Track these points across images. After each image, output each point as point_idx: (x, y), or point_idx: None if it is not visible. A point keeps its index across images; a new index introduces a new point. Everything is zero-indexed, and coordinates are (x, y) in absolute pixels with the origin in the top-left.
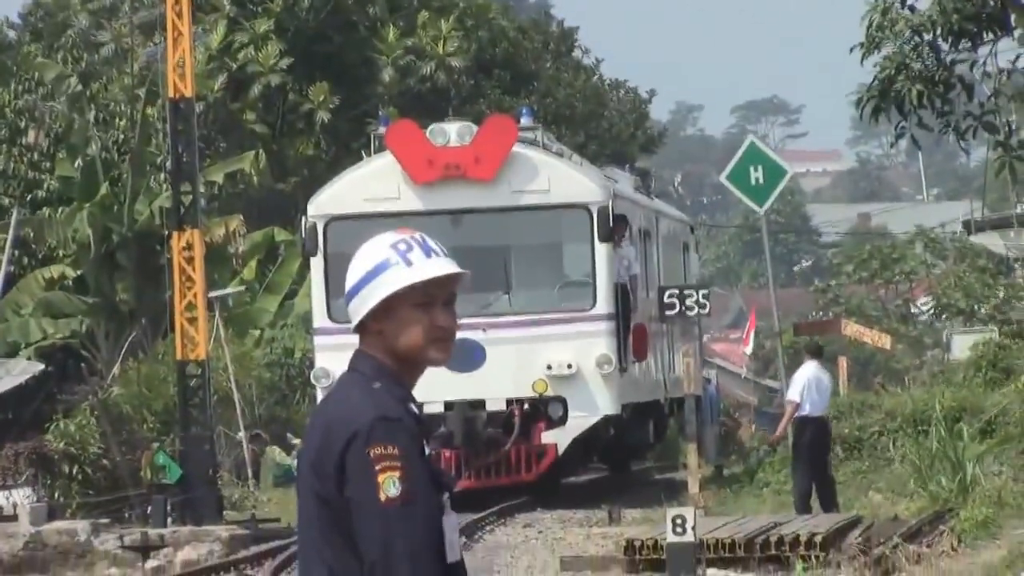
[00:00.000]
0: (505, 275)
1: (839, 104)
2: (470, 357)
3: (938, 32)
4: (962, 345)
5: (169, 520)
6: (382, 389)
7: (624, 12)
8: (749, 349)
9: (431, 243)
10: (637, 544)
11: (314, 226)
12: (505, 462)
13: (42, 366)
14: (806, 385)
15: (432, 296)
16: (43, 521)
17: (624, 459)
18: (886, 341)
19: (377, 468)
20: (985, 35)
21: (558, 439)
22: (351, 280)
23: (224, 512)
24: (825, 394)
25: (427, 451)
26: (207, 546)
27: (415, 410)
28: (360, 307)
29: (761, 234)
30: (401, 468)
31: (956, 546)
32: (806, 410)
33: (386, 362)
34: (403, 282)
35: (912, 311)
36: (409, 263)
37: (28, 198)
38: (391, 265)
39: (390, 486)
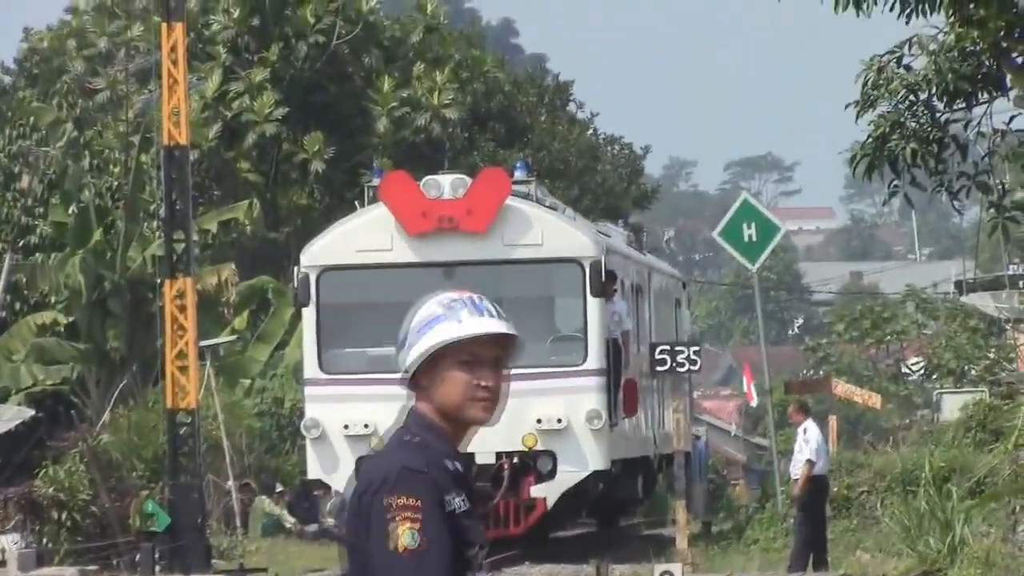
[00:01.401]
0: None
1: (833, 162)
2: None
3: (933, 91)
4: (952, 406)
5: (157, 568)
6: (420, 443)
7: (619, 67)
8: (755, 403)
9: (487, 304)
10: None
11: (307, 276)
12: (493, 516)
13: (32, 412)
14: (820, 442)
15: (477, 355)
16: (32, 567)
17: (613, 514)
18: (876, 401)
19: (395, 517)
20: (980, 95)
21: (547, 493)
22: (402, 331)
23: (212, 561)
24: (824, 452)
25: (463, 506)
26: None
27: (456, 466)
28: (407, 359)
29: (753, 291)
30: (420, 520)
31: None
32: (817, 468)
33: (434, 418)
34: (447, 336)
35: (903, 371)
36: (459, 320)
37: (21, 243)
38: (441, 320)
39: (408, 537)
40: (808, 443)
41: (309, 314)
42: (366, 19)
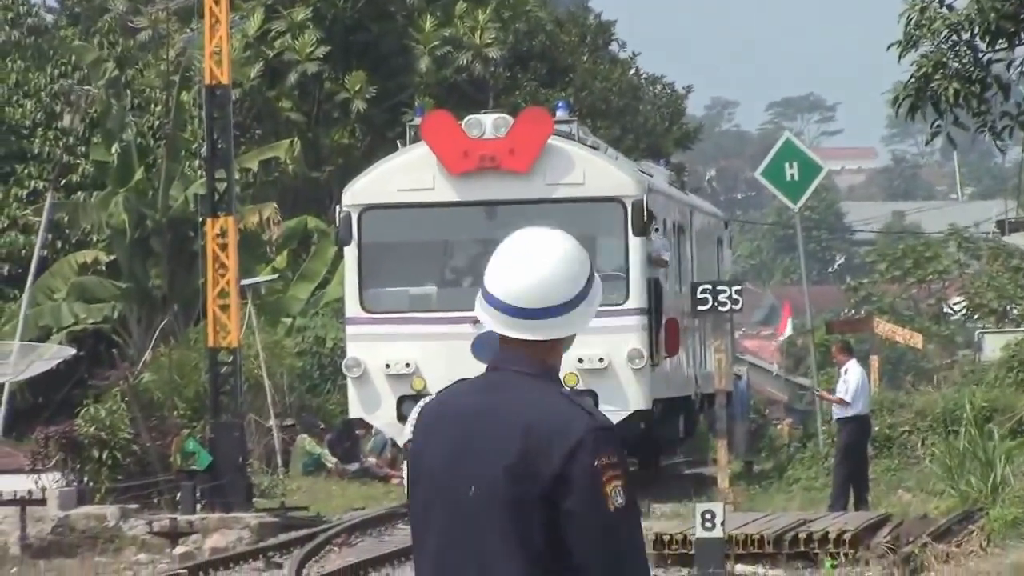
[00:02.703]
0: None
1: (875, 102)
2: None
3: (975, 31)
4: (994, 345)
5: (198, 507)
6: (575, 396)
7: (661, 7)
8: (785, 335)
9: None
10: (666, 538)
11: (348, 215)
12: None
13: (73, 351)
14: (860, 384)
15: None
16: (72, 506)
17: (654, 454)
18: (918, 340)
19: (605, 478)
20: (1023, 34)
21: None
22: (580, 283)
23: (253, 499)
24: (867, 392)
25: None
26: (236, 533)
27: None
28: (587, 316)
29: (795, 231)
30: (624, 476)
31: (985, 546)
32: (858, 408)
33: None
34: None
35: (944, 311)
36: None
37: (62, 182)
38: (596, 277)
39: (617, 495)
40: (847, 384)
41: (351, 253)
42: None
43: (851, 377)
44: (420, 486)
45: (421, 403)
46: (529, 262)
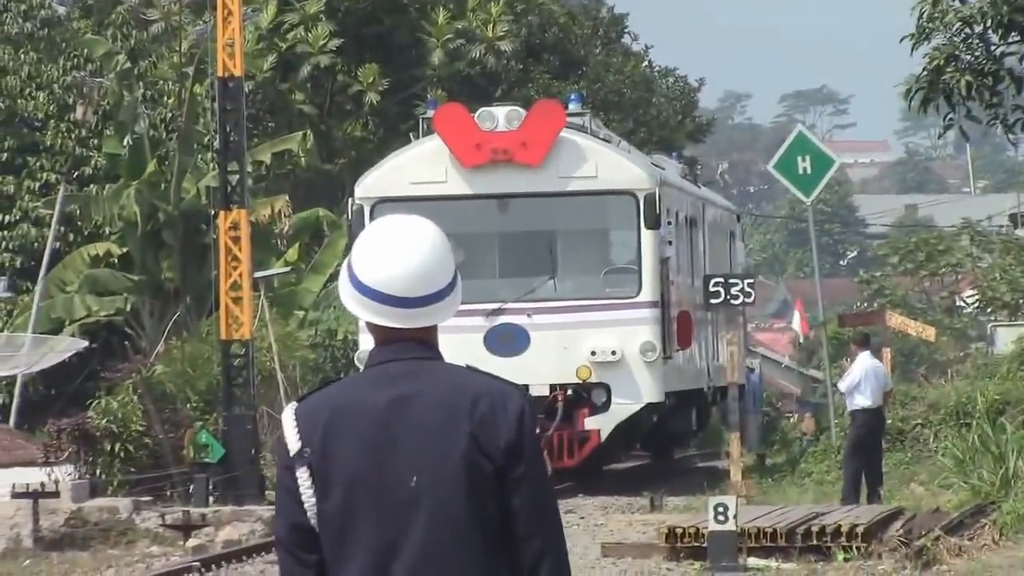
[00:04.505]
0: (550, 260)
1: (888, 95)
2: (514, 342)
3: (988, 24)
4: (1006, 338)
5: (211, 499)
6: (481, 369)
7: (674, 0)
8: (810, 334)
9: None
10: (679, 531)
11: (361, 208)
12: (547, 448)
13: (86, 343)
14: (863, 376)
15: None
16: (85, 498)
17: (667, 446)
18: (930, 333)
19: (542, 444)
20: None
21: (601, 425)
22: (450, 271)
23: (266, 492)
24: (878, 385)
25: None
26: (248, 526)
27: None
28: (456, 302)
29: (807, 224)
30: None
31: (997, 539)
32: (864, 401)
33: None
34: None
35: (957, 304)
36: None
37: (75, 175)
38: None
39: (545, 460)
40: (849, 374)
41: None
42: None
43: (854, 368)
44: (335, 492)
45: (292, 408)
46: (409, 251)
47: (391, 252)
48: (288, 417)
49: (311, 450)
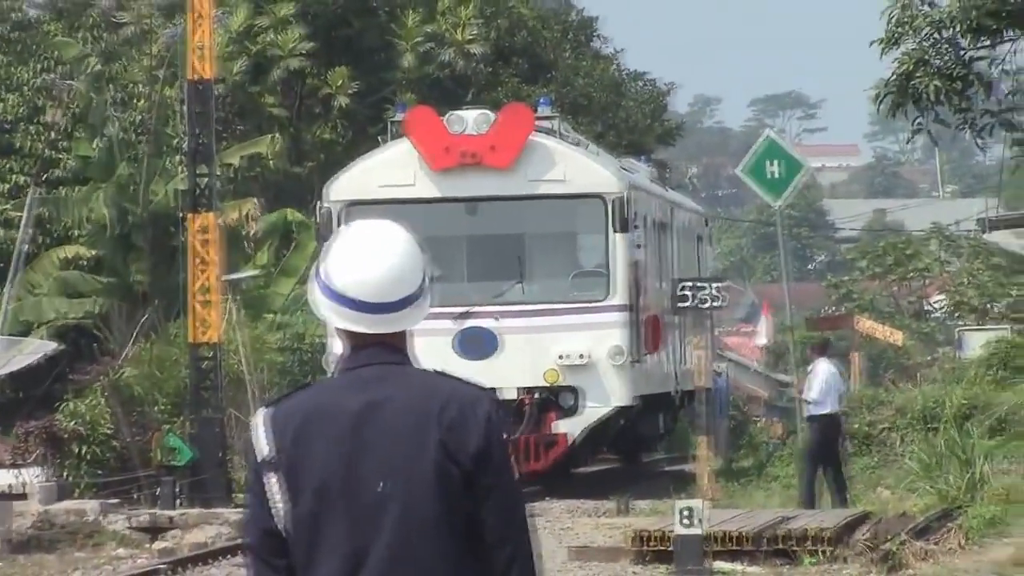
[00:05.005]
0: (519, 264)
1: (858, 99)
2: (483, 345)
3: (958, 28)
4: (974, 343)
5: (178, 502)
6: (452, 374)
7: (644, 3)
8: (764, 342)
9: None
10: (645, 535)
11: (330, 212)
12: (515, 451)
13: (55, 345)
14: (826, 383)
15: None
16: (53, 500)
17: (635, 450)
18: (898, 337)
19: (510, 450)
20: (1005, 32)
21: (569, 429)
22: (421, 276)
23: (233, 495)
24: (837, 390)
25: None
26: (216, 528)
27: None
28: (430, 299)
29: (776, 228)
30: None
31: (964, 543)
32: (824, 408)
33: None
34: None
35: (925, 308)
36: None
37: (45, 177)
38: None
39: (514, 465)
40: (810, 383)
41: None
42: None
43: (815, 375)
44: (305, 497)
45: (262, 412)
46: (380, 256)
47: (362, 258)
48: (259, 422)
49: (282, 455)
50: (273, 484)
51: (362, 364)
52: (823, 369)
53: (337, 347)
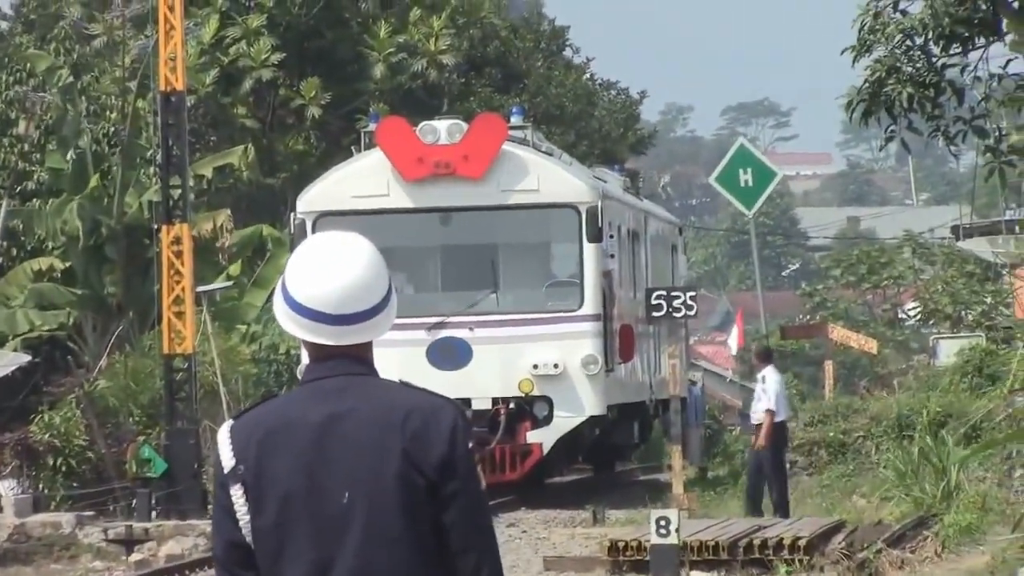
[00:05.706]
0: (493, 274)
1: (830, 107)
2: (456, 356)
3: (929, 36)
4: (948, 351)
5: (153, 514)
6: (416, 385)
7: (615, 12)
8: (734, 350)
9: None
10: (621, 545)
11: (303, 222)
12: (490, 461)
13: (29, 357)
14: (778, 392)
15: None
16: (28, 513)
17: (609, 460)
18: (872, 345)
19: (476, 459)
20: (976, 40)
21: (543, 439)
22: (384, 287)
23: (208, 506)
24: (785, 398)
25: None
26: (191, 540)
27: None
28: (395, 309)
29: (749, 236)
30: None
31: (940, 551)
32: (781, 415)
33: None
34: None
35: (899, 316)
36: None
37: (17, 189)
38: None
39: (481, 474)
40: (766, 392)
41: None
42: None
43: (770, 385)
44: (269, 509)
45: (228, 426)
46: (342, 268)
47: (323, 270)
48: (223, 435)
49: (245, 467)
50: (237, 496)
51: (325, 375)
52: (775, 378)
53: (307, 358)
